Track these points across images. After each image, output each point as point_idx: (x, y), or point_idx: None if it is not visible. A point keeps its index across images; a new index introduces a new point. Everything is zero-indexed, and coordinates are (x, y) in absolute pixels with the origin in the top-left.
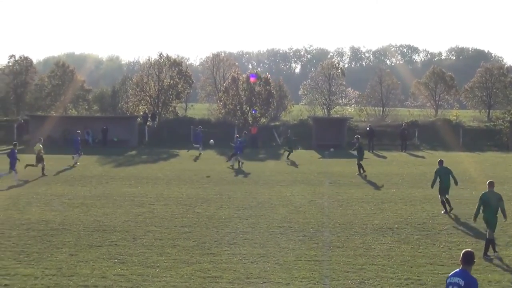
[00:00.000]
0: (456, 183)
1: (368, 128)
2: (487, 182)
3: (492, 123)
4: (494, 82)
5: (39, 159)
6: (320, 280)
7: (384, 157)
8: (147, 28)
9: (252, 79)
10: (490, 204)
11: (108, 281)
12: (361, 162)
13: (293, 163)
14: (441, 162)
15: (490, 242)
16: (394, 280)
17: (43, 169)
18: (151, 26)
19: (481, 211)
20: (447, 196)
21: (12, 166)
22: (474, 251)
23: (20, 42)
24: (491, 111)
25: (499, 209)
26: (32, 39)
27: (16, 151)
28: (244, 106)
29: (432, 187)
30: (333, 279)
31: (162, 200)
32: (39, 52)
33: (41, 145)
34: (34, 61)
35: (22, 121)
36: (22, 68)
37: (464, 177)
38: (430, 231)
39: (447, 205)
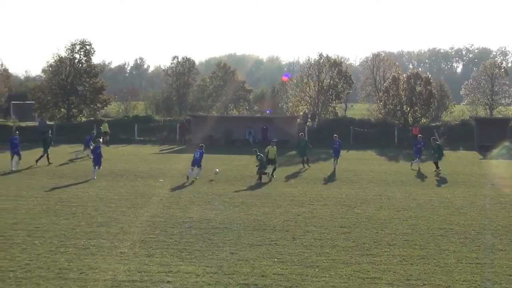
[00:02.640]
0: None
1: None
2: None
3: None
4: None
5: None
6: (482, 284)
7: None
8: (306, 29)
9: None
10: None
11: (268, 280)
12: None
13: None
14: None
15: None
16: None
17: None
18: (311, 27)
19: None
20: None
21: None
22: None
23: (183, 43)
24: None
25: None
26: (195, 41)
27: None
28: (405, 106)
29: None
30: (495, 283)
31: (321, 200)
32: (201, 53)
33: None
34: (196, 62)
35: (184, 121)
36: (184, 69)
37: None
38: None
39: None
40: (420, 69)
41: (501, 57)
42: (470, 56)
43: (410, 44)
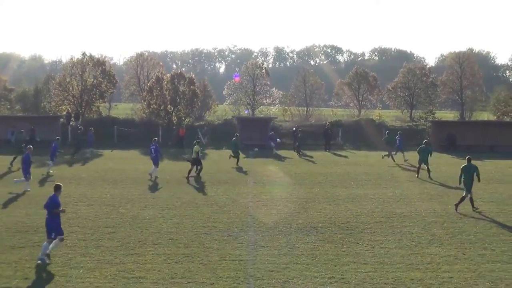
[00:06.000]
0: (479, 180)
1: (294, 128)
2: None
3: (414, 123)
4: (416, 82)
5: (197, 161)
6: (245, 280)
7: (311, 157)
8: (70, 27)
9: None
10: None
11: (31, 282)
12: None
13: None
14: (468, 159)
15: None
16: (318, 279)
17: (190, 171)
18: (74, 25)
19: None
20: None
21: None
22: (396, 249)
23: None
24: (413, 111)
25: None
26: None
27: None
28: (169, 106)
29: (459, 183)
30: (258, 279)
31: (85, 201)
32: None
33: (199, 147)
34: None
35: None
36: None
37: (387, 176)
38: (353, 230)
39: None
40: (183, 69)
41: (262, 58)
42: (233, 56)
43: (174, 44)
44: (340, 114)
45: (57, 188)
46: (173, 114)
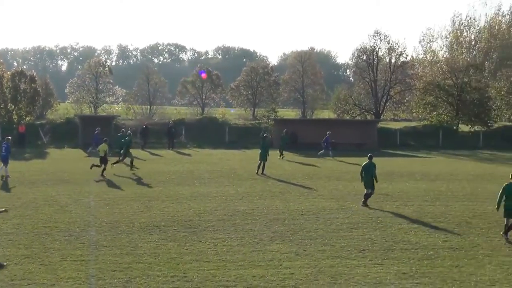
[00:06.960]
0: (376, 180)
1: (144, 127)
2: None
3: (257, 121)
4: (259, 81)
5: (104, 160)
6: (86, 280)
7: (159, 155)
8: None
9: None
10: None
11: None
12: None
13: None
14: (369, 157)
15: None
16: (160, 278)
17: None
18: None
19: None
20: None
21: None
22: (239, 246)
23: None
24: (256, 109)
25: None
26: None
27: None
28: (9, 104)
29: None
30: (99, 279)
31: None
32: None
33: (107, 145)
34: None
35: None
36: None
37: (230, 174)
38: (196, 228)
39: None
40: (25, 66)
41: (106, 56)
42: (75, 54)
43: (14, 41)
44: (184, 112)
45: None
46: (14, 112)
